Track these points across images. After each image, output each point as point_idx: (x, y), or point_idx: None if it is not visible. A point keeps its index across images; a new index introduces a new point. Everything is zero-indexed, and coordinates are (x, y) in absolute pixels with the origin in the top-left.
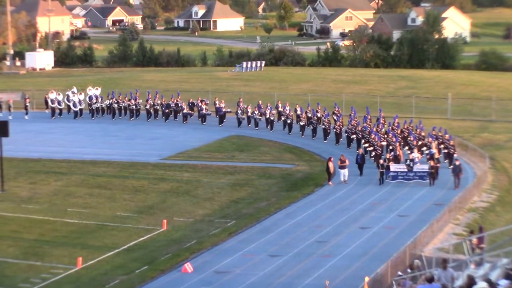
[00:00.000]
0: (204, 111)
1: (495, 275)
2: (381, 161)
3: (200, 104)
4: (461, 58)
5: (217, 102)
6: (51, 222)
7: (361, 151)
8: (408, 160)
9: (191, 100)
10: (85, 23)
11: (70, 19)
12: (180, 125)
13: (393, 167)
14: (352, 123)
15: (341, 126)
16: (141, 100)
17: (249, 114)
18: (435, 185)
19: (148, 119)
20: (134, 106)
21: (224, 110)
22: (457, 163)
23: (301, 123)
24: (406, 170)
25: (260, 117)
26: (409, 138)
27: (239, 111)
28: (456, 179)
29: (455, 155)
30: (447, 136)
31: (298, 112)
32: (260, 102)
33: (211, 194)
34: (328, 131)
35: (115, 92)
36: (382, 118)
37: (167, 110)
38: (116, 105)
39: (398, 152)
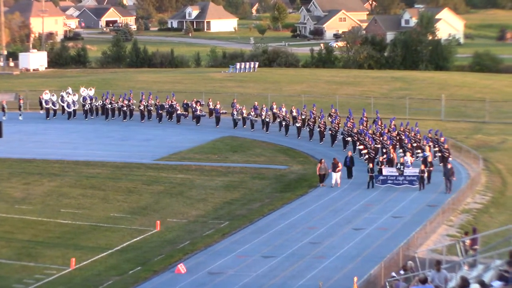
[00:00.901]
0: (198, 112)
1: (488, 276)
2: (371, 165)
3: (194, 106)
4: (455, 59)
5: (210, 103)
6: (44, 223)
7: (350, 153)
8: (399, 164)
9: (185, 101)
10: (79, 24)
11: (63, 20)
12: (174, 126)
13: (385, 170)
14: (348, 125)
15: (336, 128)
16: (134, 101)
17: (245, 115)
18: (428, 187)
19: (142, 120)
20: (127, 107)
21: (220, 111)
22: (449, 166)
23: (297, 125)
24: (396, 174)
25: (256, 119)
26: (404, 141)
27: (235, 112)
28: (448, 183)
29: (450, 158)
30: (442, 139)
31: (294, 113)
32: (256, 103)
33: (204, 195)
34: (324, 133)
35: (109, 93)
36: (379, 120)
37: (161, 111)
38: (109, 106)
39: (391, 155)
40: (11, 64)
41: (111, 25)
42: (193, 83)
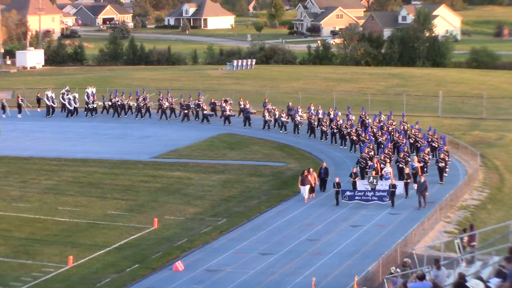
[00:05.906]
0: (228, 112)
1: (486, 273)
2: (336, 179)
3: (224, 105)
4: (452, 56)
5: (241, 103)
6: (42, 221)
7: (324, 164)
8: (372, 178)
9: (212, 100)
10: (76, 21)
11: (60, 18)
12: (171, 124)
13: (359, 183)
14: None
15: (359, 131)
16: (147, 95)
17: (277, 116)
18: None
19: (160, 119)
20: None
21: (250, 111)
22: (422, 180)
23: (323, 128)
24: (368, 188)
25: (287, 120)
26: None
27: (266, 114)
28: (421, 198)
29: (447, 169)
30: (445, 148)
31: (320, 115)
32: (290, 103)
33: (202, 192)
34: (346, 136)
35: (112, 92)
36: (391, 119)
37: (186, 111)
38: (108, 104)
39: (375, 165)
40: (8, 62)
41: (108, 22)
42: (190, 81)
